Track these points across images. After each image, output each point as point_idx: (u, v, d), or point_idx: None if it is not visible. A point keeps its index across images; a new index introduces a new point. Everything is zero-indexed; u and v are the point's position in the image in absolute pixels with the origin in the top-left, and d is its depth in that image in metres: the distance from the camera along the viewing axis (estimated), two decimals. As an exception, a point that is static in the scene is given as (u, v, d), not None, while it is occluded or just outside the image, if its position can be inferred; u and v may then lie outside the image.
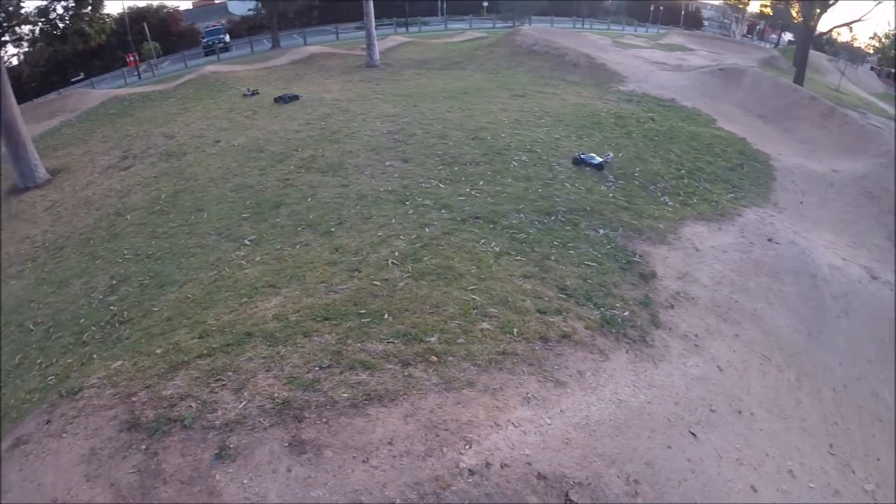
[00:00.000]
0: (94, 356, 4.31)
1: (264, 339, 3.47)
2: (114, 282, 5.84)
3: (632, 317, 4.15)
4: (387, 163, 7.57)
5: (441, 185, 6.66)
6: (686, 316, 4.39)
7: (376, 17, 18.95)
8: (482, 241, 5.12)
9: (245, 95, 12.80)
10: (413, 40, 24.69)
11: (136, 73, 31.81)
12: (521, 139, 8.20)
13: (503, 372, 3.23)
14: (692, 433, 3.13)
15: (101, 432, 2.77)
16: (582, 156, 7.33)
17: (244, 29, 41.86)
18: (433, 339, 3.45)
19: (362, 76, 16.05)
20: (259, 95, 13.17)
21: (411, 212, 5.90)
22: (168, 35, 42.54)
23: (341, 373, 3.09)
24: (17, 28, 15.15)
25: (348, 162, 7.72)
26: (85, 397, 3.13)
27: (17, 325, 5.67)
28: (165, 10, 45.12)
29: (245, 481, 2.46)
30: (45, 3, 14.51)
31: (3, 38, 13.63)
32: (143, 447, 2.61)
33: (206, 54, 33.82)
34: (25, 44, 16.27)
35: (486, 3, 42.54)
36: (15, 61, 30.68)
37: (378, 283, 4.25)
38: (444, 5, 45.00)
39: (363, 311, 3.78)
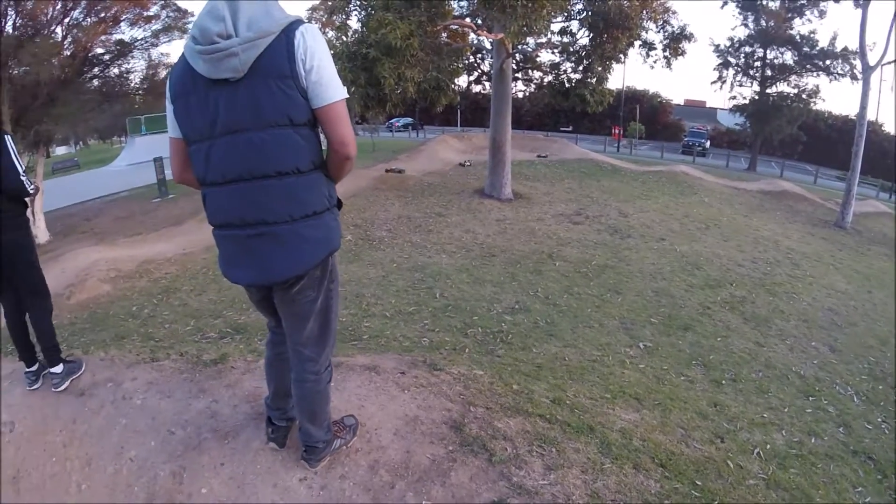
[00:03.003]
0: (467, 350, 4.80)
1: (600, 443, 3.31)
2: (516, 306, 6.40)
3: None
4: (812, 342, 6.56)
5: (854, 399, 5.44)
6: None
7: (861, 173, 16.69)
8: (859, 489, 4.02)
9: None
10: (893, 213, 20.87)
11: (615, 145, 35.21)
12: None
13: None
14: None
15: (431, 413, 2.99)
16: None
17: (725, 141, 42.00)
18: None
19: (826, 234, 14.42)
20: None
21: (808, 411, 4.96)
22: (655, 122, 45.76)
23: (636, 527, 2.77)
24: (529, 71, 18.40)
25: (775, 321, 6.92)
26: (440, 379, 3.44)
27: (427, 288, 6.75)
28: (659, 100, 48.43)
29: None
30: (558, 60, 17.15)
31: (517, 74, 16.45)
32: (449, 449, 2.71)
33: (683, 152, 35.11)
34: (533, 86, 19.64)
35: None
36: (520, 95, 36.85)
37: (732, 465, 3.64)
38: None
39: (699, 484, 3.29)
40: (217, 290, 7.06)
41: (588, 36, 15.52)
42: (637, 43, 15.84)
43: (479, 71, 20.13)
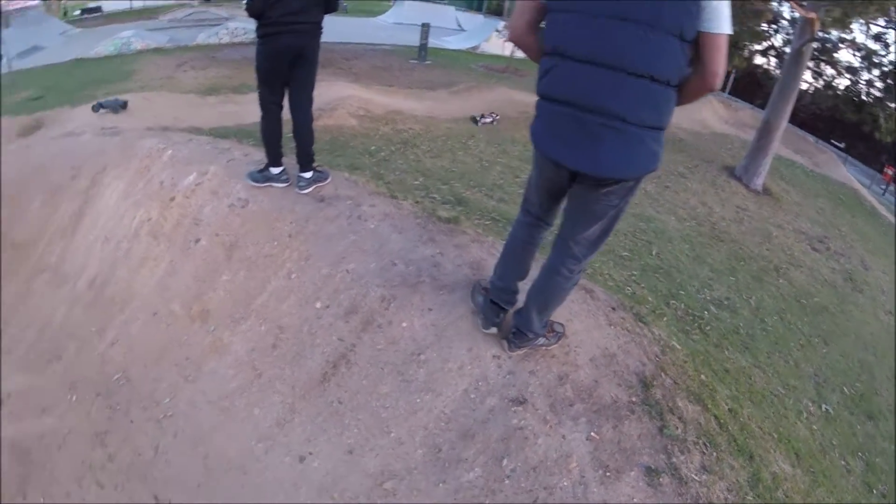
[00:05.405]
0: (665, 318, 4.67)
1: (752, 475, 3.10)
2: (725, 301, 6.02)
3: None
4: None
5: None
6: None
7: None
8: None
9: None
10: None
11: (883, 186, 29.76)
12: None
13: None
14: None
15: (628, 359, 3.03)
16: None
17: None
18: None
19: None
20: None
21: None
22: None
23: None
24: (822, 64, 15.44)
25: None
26: (642, 332, 3.41)
27: (646, 241, 6.56)
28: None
29: (632, 496, 2.47)
30: (857, 65, 14.33)
31: (809, 63, 13.81)
32: (632, 399, 2.79)
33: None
34: (822, 82, 16.62)
35: None
36: (804, 86, 31.42)
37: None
38: None
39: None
40: (451, 160, 7.43)
41: (903, 52, 13.00)
42: (959, 81, 13.01)
43: (769, 43, 17.58)
